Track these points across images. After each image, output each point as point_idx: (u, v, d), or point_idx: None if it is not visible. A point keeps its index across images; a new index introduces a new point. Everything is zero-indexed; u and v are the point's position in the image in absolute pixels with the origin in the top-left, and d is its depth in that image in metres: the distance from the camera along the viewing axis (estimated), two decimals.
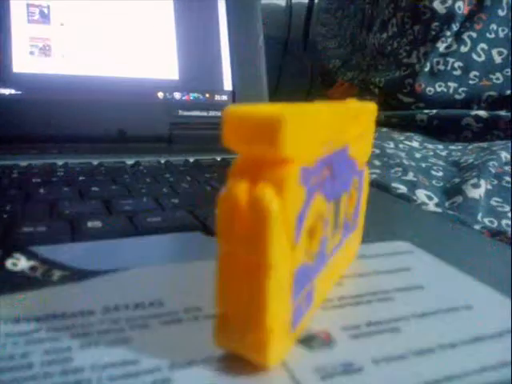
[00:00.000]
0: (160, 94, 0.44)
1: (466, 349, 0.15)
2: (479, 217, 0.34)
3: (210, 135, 0.44)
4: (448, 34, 0.53)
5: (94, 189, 0.27)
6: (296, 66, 0.86)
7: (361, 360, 0.14)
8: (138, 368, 0.13)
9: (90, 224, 0.22)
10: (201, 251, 0.21)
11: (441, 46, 0.53)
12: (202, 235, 0.22)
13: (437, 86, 0.53)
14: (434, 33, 0.54)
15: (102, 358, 0.13)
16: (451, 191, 0.37)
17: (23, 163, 0.33)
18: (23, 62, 0.39)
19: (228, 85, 0.47)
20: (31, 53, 0.39)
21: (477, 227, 0.31)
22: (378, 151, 0.44)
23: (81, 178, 0.30)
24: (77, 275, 0.17)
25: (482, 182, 0.36)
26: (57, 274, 0.17)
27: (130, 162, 0.36)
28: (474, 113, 0.50)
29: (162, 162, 0.37)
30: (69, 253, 0.19)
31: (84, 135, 0.39)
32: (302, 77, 0.86)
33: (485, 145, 0.45)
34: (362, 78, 0.66)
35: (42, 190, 0.26)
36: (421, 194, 0.36)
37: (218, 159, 0.39)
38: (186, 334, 0.14)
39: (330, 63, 0.77)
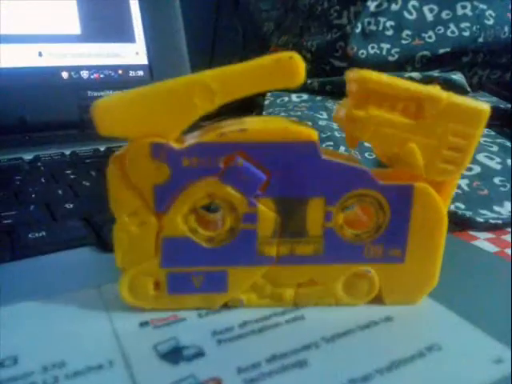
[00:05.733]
0: (64, 74, 0.39)
1: (382, 380, 0.13)
2: None
3: None
4: None
5: None
6: (229, 29, 0.82)
7: None
8: None
9: None
10: (86, 275, 0.18)
11: (371, 5, 0.51)
12: (94, 252, 0.19)
13: (369, 47, 0.51)
14: None
15: None
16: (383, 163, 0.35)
17: None
18: None
19: (143, 58, 0.42)
20: None
21: None
22: (309, 124, 0.41)
23: None
24: None
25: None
26: None
27: (28, 157, 0.32)
28: (407, 75, 0.48)
29: (67, 153, 0.33)
30: None
31: None
32: (235, 41, 0.82)
33: None
34: (295, 41, 0.63)
35: None
36: None
37: None
38: None
39: (264, 26, 0.73)
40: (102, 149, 0.34)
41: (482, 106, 0.14)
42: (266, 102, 0.49)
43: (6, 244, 0.19)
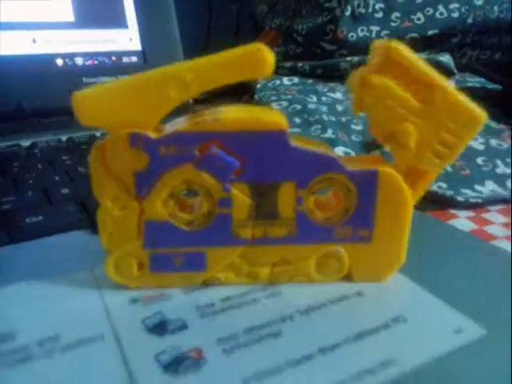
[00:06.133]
0: (59, 61, 0.40)
1: (349, 348, 0.14)
2: None
3: None
4: None
5: None
6: (223, 11, 0.82)
7: (229, 381, 0.13)
8: None
9: None
10: (81, 257, 0.19)
11: None
12: (88, 234, 0.20)
13: (359, 30, 0.51)
14: None
15: None
16: (371, 145, 0.36)
17: None
18: None
19: (136, 44, 0.43)
20: None
21: None
22: (299, 107, 0.42)
23: None
24: None
25: None
26: None
27: (25, 143, 0.33)
28: None
29: (64, 139, 0.34)
30: None
31: None
32: (230, 24, 0.82)
33: None
34: (287, 24, 0.63)
35: None
36: (339, 152, 0.35)
37: None
38: (33, 376, 0.13)
39: (257, 9, 0.73)
40: (98, 134, 0.35)
41: (481, 111, 0.15)
42: (258, 86, 0.49)
43: (4, 228, 0.21)
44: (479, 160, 0.33)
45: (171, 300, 0.16)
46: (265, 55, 0.14)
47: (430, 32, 0.51)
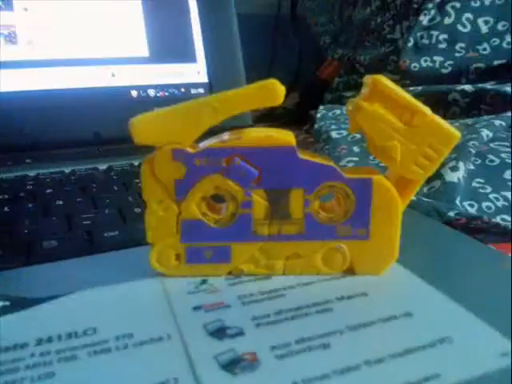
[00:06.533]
0: (134, 93, 0.43)
1: (394, 363, 0.15)
2: (458, 201, 0.33)
3: None
4: (430, 5, 0.51)
5: (58, 203, 0.28)
6: (286, 43, 0.84)
7: (280, 382, 0.14)
8: None
9: (45, 244, 0.22)
10: (151, 270, 0.21)
11: (424, 19, 0.52)
12: None
13: (422, 61, 0.52)
14: (416, 6, 0.52)
15: None
16: (430, 176, 0.36)
17: None
18: None
19: (203, 77, 0.46)
20: None
21: (451, 214, 0.31)
22: (358, 136, 0.43)
23: (48, 191, 0.30)
24: (18, 305, 0.17)
25: (461, 164, 0.35)
26: None
27: (102, 167, 0.36)
28: (459, 88, 0.49)
29: (136, 164, 0.37)
30: (16, 279, 0.19)
31: (59, 141, 0.39)
32: (292, 54, 0.84)
33: (469, 121, 0.44)
34: (350, 55, 0.64)
35: (5, 209, 0.26)
36: None
37: None
38: (110, 366, 0.14)
39: (320, 40, 0.75)
40: None
41: (455, 131, 0.18)
42: (318, 115, 0.51)
43: (86, 241, 0.23)
44: None
45: (230, 309, 0.17)
46: (276, 88, 0.17)
47: (496, 62, 0.50)
